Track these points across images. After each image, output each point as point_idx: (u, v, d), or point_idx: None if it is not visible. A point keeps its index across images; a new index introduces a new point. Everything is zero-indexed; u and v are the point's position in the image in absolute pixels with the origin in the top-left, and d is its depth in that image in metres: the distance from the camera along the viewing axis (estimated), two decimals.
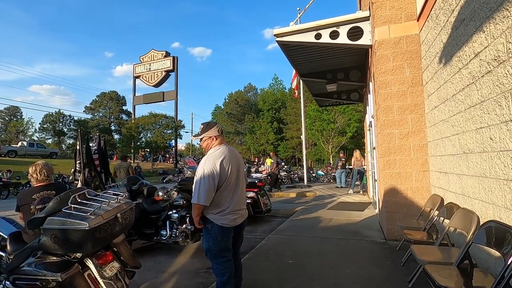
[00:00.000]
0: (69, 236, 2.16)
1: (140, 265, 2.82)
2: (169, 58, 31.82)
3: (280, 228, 5.23)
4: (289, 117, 46.52)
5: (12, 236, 2.65)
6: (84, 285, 2.31)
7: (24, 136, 41.25)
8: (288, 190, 12.03)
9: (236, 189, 2.38)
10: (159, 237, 4.30)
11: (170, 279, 3.40)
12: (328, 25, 5.15)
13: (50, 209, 2.30)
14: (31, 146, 28.11)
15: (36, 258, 2.35)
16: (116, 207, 2.42)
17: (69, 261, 2.36)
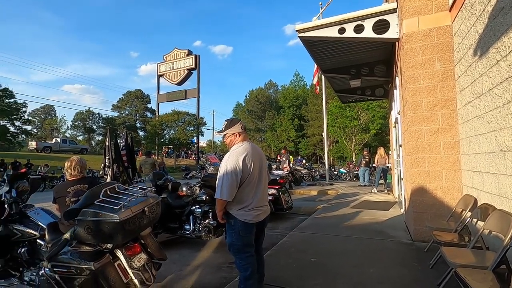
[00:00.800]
0: (101, 227, 2.27)
1: (165, 258, 2.92)
2: (191, 57, 32.42)
3: (302, 225, 5.19)
4: (310, 114, 45.92)
5: (50, 226, 2.84)
6: (115, 274, 2.43)
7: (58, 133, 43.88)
8: (309, 187, 11.91)
9: (259, 185, 2.39)
10: (183, 231, 4.42)
11: (194, 272, 3.49)
12: (352, 19, 5.00)
13: (84, 201, 2.43)
14: (64, 142, 29.85)
15: (71, 247, 2.50)
16: (144, 201, 2.52)
17: (101, 251, 2.49)
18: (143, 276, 2.58)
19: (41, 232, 2.83)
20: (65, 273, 2.41)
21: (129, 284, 2.48)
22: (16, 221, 2.90)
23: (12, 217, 2.91)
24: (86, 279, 2.37)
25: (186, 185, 4.68)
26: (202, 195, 4.41)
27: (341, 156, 39.32)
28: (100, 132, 44.88)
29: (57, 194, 2.81)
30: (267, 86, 57.15)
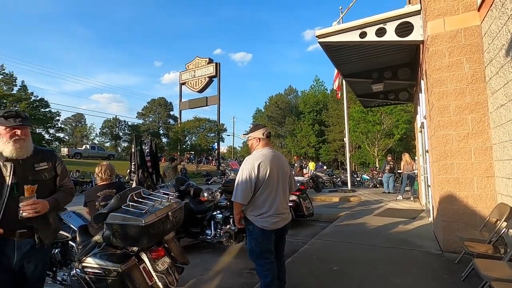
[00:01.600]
0: (127, 231, 2.37)
1: (188, 262, 2.97)
2: (212, 65, 33.15)
3: (324, 233, 5.10)
4: (331, 119, 45.21)
5: (81, 228, 2.99)
6: (140, 277, 2.51)
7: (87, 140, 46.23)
8: (330, 194, 11.67)
9: (278, 192, 2.38)
10: (205, 236, 4.48)
11: (215, 277, 3.52)
12: (374, 23, 4.93)
13: (112, 205, 2.54)
14: (92, 148, 31.44)
15: (100, 249, 2.61)
16: (168, 206, 2.59)
17: (127, 253, 2.58)
18: (166, 280, 2.64)
19: (73, 234, 2.99)
20: (94, 274, 2.53)
21: (153, 287, 2.55)
22: None
23: None
24: (114, 280, 2.47)
25: (208, 190, 4.75)
26: (223, 200, 4.46)
27: (364, 162, 38.24)
28: (126, 138, 46.72)
29: (88, 198, 2.97)
30: (287, 92, 57.08)
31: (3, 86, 17.72)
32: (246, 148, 60.15)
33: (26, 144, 1.91)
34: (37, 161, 1.96)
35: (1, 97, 16.96)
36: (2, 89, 17.57)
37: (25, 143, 1.89)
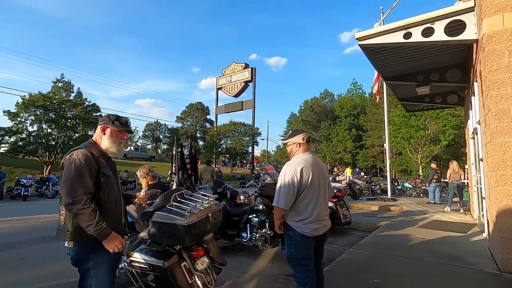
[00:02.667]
0: (171, 229, 2.49)
1: (225, 263, 3.04)
2: (248, 70, 33.69)
3: (363, 242, 4.88)
4: (369, 123, 43.33)
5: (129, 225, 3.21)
6: (181, 274, 2.61)
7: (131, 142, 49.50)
8: (369, 202, 11.16)
9: (319, 198, 2.35)
10: (240, 239, 4.54)
11: (251, 281, 3.54)
12: (420, 22, 4.66)
13: (157, 205, 2.70)
14: (136, 150, 33.67)
15: (146, 245, 2.78)
16: (208, 207, 2.69)
17: (170, 251, 2.71)
18: (205, 279, 2.73)
19: None
20: (140, 268, 2.70)
21: (193, 285, 2.64)
22: None
23: None
24: (157, 275, 2.61)
25: (244, 193, 4.82)
26: (258, 204, 4.50)
27: (405, 170, 35.97)
28: (166, 141, 49.18)
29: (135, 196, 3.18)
30: (322, 96, 55.98)
31: (62, 93, 19.80)
32: (280, 152, 59.91)
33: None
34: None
35: (61, 102, 18.93)
36: (62, 95, 19.62)
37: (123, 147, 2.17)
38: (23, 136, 18.07)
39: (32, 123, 18.68)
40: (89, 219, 1.77)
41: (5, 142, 18.04)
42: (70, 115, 19.40)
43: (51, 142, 18.62)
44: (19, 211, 9.67)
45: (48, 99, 18.64)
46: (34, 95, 18.50)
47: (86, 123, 20.04)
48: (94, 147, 1.98)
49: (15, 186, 13.42)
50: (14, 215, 8.67)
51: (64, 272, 3.61)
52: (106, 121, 2.05)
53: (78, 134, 19.96)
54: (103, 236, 1.83)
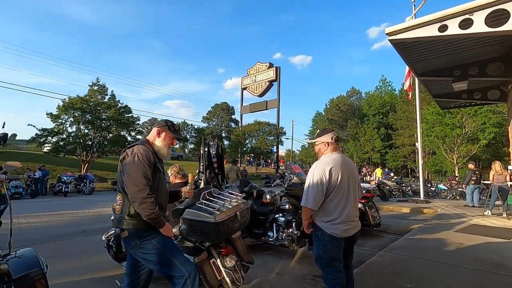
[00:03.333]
0: (200, 226, 2.56)
1: (253, 261, 3.06)
2: (272, 69, 33.63)
3: (394, 245, 4.69)
4: (399, 122, 41.49)
5: None
6: (210, 270, 2.68)
7: None
8: (399, 204, 10.69)
9: (349, 198, 2.29)
10: (267, 238, 4.55)
11: (278, 280, 3.55)
12: (457, 14, 4.38)
13: (188, 202, 2.78)
14: None
15: (177, 241, 2.88)
16: (236, 206, 2.72)
17: (199, 248, 2.79)
18: (234, 276, 2.77)
19: None
20: None
21: (222, 282, 2.70)
22: None
23: None
24: None
25: (270, 193, 4.83)
26: (285, 203, 4.48)
27: (439, 170, 34.02)
28: (192, 141, 50.50)
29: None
30: (349, 94, 54.47)
31: (98, 96, 21.03)
32: (305, 152, 59.12)
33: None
34: None
35: (97, 104, 20.14)
36: (97, 98, 20.85)
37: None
38: (64, 137, 19.42)
39: (71, 124, 20.04)
40: (151, 207, 1.93)
41: (48, 142, 19.52)
42: (105, 116, 20.56)
43: (88, 142, 19.85)
44: (60, 206, 10.43)
45: (85, 102, 19.89)
46: (73, 98, 19.83)
47: (119, 124, 21.11)
48: (147, 145, 2.13)
49: (57, 183, 14.50)
50: (56, 209, 9.38)
51: (101, 264, 3.85)
52: (163, 125, 2.21)
53: (111, 134, 21.08)
54: (160, 225, 2.02)
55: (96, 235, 5.51)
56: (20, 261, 1.94)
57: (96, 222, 7.24)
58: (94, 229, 6.27)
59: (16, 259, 1.93)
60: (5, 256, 1.97)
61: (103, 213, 8.65)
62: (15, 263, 1.85)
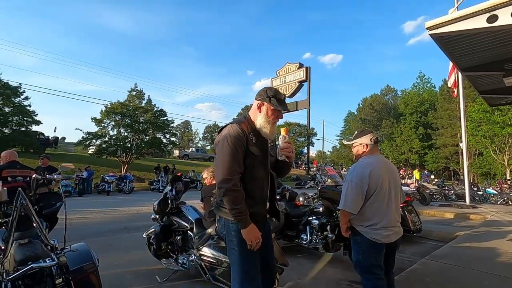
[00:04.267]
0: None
1: (287, 264, 3.05)
2: (302, 69, 33.26)
3: (437, 253, 4.40)
4: (440, 120, 38.82)
5: (197, 221, 3.45)
6: None
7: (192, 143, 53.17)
8: (442, 208, 9.99)
9: (389, 203, 2.20)
10: (300, 240, 4.50)
11: (312, 284, 3.49)
12: (509, 2, 4.01)
13: None
14: (197, 151, 36.16)
15: (214, 241, 2.97)
16: None
17: None
18: None
19: (191, 225, 3.48)
20: (209, 262, 2.88)
21: None
22: (174, 214, 3.68)
23: (172, 211, 3.70)
24: (224, 270, 2.76)
25: (303, 195, 4.78)
26: (319, 206, 4.40)
27: (487, 173, 31.24)
28: None
29: (204, 194, 3.42)
30: (383, 92, 52.12)
31: (136, 100, 22.33)
32: (336, 153, 57.48)
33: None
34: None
35: (135, 109, 21.41)
36: (136, 102, 22.14)
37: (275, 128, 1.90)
38: (106, 139, 20.88)
39: (113, 128, 21.48)
40: (234, 202, 1.68)
41: (93, 144, 21.11)
42: (142, 120, 21.75)
43: (127, 144, 21.11)
44: (104, 204, 11.20)
45: (125, 107, 21.22)
46: (114, 103, 21.25)
47: (155, 126, 22.22)
48: (246, 123, 1.84)
49: (101, 183, 15.59)
50: (100, 207, 10.09)
51: (143, 260, 4.06)
52: (263, 97, 1.80)
53: (148, 137, 22.23)
54: (242, 224, 1.71)
55: (137, 232, 5.85)
56: (75, 255, 2.11)
57: (136, 220, 7.67)
58: (134, 227, 6.65)
59: (71, 253, 2.11)
60: (61, 250, 2.16)
61: (141, 212, 9.14)
62: (71, 256, 2.01)
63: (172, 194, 3.58)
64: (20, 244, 1.92)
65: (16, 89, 16.62)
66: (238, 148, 1.72)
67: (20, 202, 1.91)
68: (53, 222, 3.51)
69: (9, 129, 16.47)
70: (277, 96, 1.79)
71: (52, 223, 3.51)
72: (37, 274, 1.81)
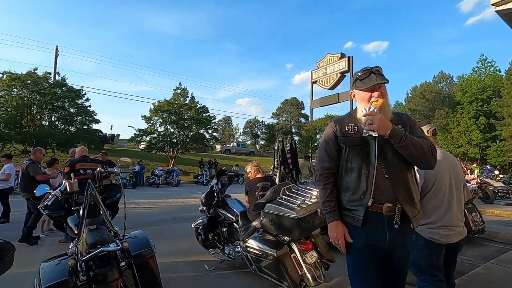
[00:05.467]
0: (282, 221, 2.62)
1: (334, 260, 2.99)
2: (344, 59, 31.88)
3: (505, 257, 3.94)
4: (506, 109, 34.30)
5: (242, 213, 3.54)
6: (292, 265, 2.72)
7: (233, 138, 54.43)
8: (508, 208, 8.89)
9: (451, 200, 2.01)
10: None
11: None
12: None
13: (268, 197, 2.88)
14: (238, 146, 36.96)
15: (259, 234, 3.02)
16: (316, 202, 2.70)
17: (280, 242, 2.86)
18: (314, 273, 2.76)
19: (236, 217, 3.58)
20: (255, 254, 2.95)
21: (303, 277, 2.72)
22: (220, 206, 3.83)
23: (218, 203, 3.85)
24: (270, 263, 2.79)
25: None
26: None
27: None
28: (263, 137, 51.95)
29: (249, 188, 3.49)
30: (436, 79, 47.65)
31: (180, 98, 23.52)
32: None
33: (384, 110, 1.50)
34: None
35: (180, 106, 22.55)
36: (180, 100, 23.32)
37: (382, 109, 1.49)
38: (155, 136, 22.37)
39: (160, 125, 22.92)
40: (321, 195, 1.66)
41: (143, 140, 22.79)
42: (186, 116, 22.83)
43: (174, 140, 22.37)
44: (154, 195, 12.07)
45: (171, 104, 22.46)
46: (161, 102, 22.62)
47: (198, 123, 23.19)
48: (351, 115, 1.67)
49: (151, 176, 16.80)
50: (151, 198, 10.91)
51: (192, 249, 4.30)
52: (352, 83, 1.65)
53: (192, 132, 23.29)
54: (327, 219, 1.63)
55: (185, 222, 6.21)
56: (135, 241, 2.31)
57: (183, 211, 8.13)
58: (182, 217, 7.07)
59: (131, 239, 2.31)
60: (123, 236, 2.38)
61: (188, 204, 9.67)
62: (131, 242, 2.21)
63: (217, 187, 3.72)
64: (90, 229, 2.16)
65: (79, 91, 18.51)
66: (325, 144, 1.69)
67: (90, 192, 2.14)
68: (115, 211, 3.88)
69: (74, 127, 18.48)
70: (360, 77, 1.57)
71: (114, 212, 3.87)
72: (104, 256, 2.02)
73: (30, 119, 16.87)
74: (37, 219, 4.90)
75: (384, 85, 1.55)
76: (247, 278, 3.30)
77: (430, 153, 1.47)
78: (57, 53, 23.45)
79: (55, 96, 17.26)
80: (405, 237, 1.58)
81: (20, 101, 16.19)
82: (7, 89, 16.14)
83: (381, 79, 1.52)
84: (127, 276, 2.10)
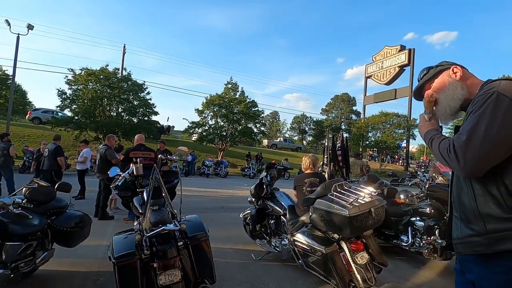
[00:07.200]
0: (332, 218, 2.56)
1: (386, 263, 2.84)
2: (404, 52, 29.42)
3: None
4: None
5: (289, 207, 3.56)
6: (340, 264, 2.66)
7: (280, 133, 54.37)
8: None
9: None
10: (399, 242, 4.10)
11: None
12: None
13: (319, 193, 2.84)
14: (284, 141, 36.84)
15: (308, 229, 3.00)
16: (370, 202, 2.58)
17: (329, 239, 2.80)
18: (365, 275, 2.65)
19: (284, 210, 3.61)
20: (302, 248, 2.94)
21: (352, 277, 2.63)
22: (268, 199, 3.89)
23: (266, 195, 3.92)
24: (318, 259, 2.76)
25: (405, 192, 4.30)
26: (425, 206, 3.88)
27: None
28: (311, 133, 50.91)
29: (297, 183, 3.48)
30: None
31: (231, 93, 24.24)
32: None
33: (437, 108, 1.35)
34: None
35: (230, 100, 23.28)
36: (231, 94, 24.04)
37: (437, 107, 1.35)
38: (206, 128, 23.50)
39: (211, 118, 23.96)
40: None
41: (195, 132, 24.11)
42: (236, 110, 23.47)
43: (223, 133, 23.23)
44: (204, 184, 12.73)
45: (222, 99, 23.29)
46: (212, 96, 23.60)
47: (247, 117, 23.68)
48: None
49: (202, 166, 17.73)
50: (201, 187, 11.53)
51: (239, 238, 4.46)
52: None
53: (241, 126, 23.89)
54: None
55: (233, 212, 6.44)
56: (191, 224, 2.48)
57: (231, 201, 8.44)
58: (230, 207, 7.35)
59: (187, 222, 2.48)
60: (180, 219, 2.58)
61: (235, 195, 10.00)
62: (187, 225, 2.38)
63: (267, 180, 3.78)
64: (152, 210, 2.38)
65: (141, 85, 20.34)
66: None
67: (155, 176, 2.35)
68: (172, 195, 4.20)
69: (136, 118, 20.41)
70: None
71: (172, 196, 4.20)
72: (165, 235, 2.21)
73: (101, 110, 19.06)
74: (106, 199, 5.57)
75: (434, 80, 1.37)
76: (292, 272, 3.31)
77: (446, 154, 1.13)
78: (125, 50, 25.96)
79: (122, 90, 19.23)
80: None
81: (94, 94, 18.39)
82: (85, 83, 18.45)
83: (420, 78, 1.46)
84: (184, 255, 2.27)
